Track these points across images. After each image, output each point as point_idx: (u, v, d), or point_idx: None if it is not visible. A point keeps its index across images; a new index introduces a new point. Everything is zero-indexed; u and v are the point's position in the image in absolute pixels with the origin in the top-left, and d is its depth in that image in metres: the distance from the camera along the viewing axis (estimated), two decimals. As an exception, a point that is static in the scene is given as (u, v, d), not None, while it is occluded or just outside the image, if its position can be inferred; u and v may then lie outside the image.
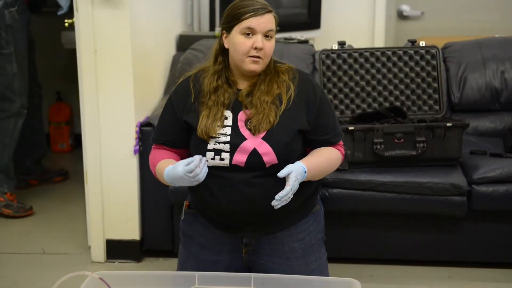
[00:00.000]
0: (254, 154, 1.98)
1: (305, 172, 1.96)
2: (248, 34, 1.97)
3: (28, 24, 3.56)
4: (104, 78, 2.86)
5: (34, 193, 3.84)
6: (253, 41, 1.97)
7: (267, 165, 1.99)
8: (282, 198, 1.90)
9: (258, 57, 1.98)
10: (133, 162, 2.93)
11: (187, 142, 2.08)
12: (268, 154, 1.98)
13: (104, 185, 2.96)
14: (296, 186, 1.92)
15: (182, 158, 2.13)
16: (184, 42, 3.63)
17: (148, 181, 2.93)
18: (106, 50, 2.84)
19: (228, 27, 2.01)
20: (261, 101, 2.00)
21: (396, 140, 2.83)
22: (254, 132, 1.99)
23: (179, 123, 2.07)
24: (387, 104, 3.13)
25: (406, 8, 4.49)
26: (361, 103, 3.14)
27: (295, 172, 1.92)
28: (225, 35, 2.03)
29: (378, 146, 2.81)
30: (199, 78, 2.08)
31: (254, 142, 1.99)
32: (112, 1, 2.78)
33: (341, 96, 3.13)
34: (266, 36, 1.99)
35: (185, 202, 2.20)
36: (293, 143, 2.03)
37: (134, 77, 2.88)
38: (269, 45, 1.99)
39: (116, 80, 2.86)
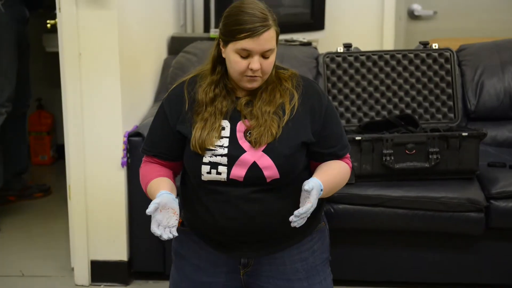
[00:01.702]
0: (254, 168, 1.98)
1: (321, 190, 1.97)
2: (244, 54, 1.95)
3: (19, 21, 3.55)
4: (89, 84, 2.87)
5: (13, 210, 3.83)
6: (249, 61, 1.95)
7: (268, 180, 1.99)
8: (301, 215, 1.89)
9: (256, 76, 1.98)
10: (121, 176, 2.94)
11: (181, 154, 2.08)
12: (269, 168, 1.99)
13: (89, 200, 2.96)
14: (315, 204, 1.93)
15: (176, 172, 2.14)
16: (177, 45, 3.64)
17: (137, 196, 2.93)
18: (91, 53, 2.84)
19: (223, 40, 2.00)
20: (262, 111, 2.00)
21: (407, 151, 2.83)
22: (254, 145, 1.99)
23: (172, 133, 2.07)
24: (397, 112, 3.14)
25: (417, 8, 4.51)
26: (368, 111, 3.14)
27: (316, 190, 1.93)
28: (221, 44, 2.03)
29: (388, 158, 2.82)
30: (194, 85, 2.08)
31: (254, 155, 1.99)
32: (98, 0, 2.79)
33: (347, 103, 3.14)
34: (264, 56, 1.96)
35: (178, 219, 2.20)
36: (297, 156, 2.03)
37: (122, 82, 2.89)
38: (268, 63, 1.97)
39: (102, 86, 2.87)
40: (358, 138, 2.82)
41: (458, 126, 3.09)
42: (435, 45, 3.17)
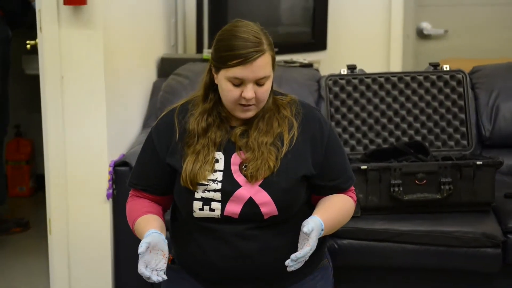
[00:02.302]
0: (250, 204, 1.98)
1: (322, 230, 1.96)
2: (236, 84, 1.95)
3: (2, 42, 3.56)
4: (72, 109, 2.87)
5: (-12, 246, 3.82)
6: (242, 90, 1.94)
7: (266, 217, 1.98)
8: (299, 259, 1.89)
9: (250, 105, 1.97)
10: (106, 209, 2.93)
11: (171, 188, 2.08)
12: (267, 205, 1.98)
13: (71, 236, 2.95)
14: (315, 247, 1.92)
15: (165, 207, 2.13)
16: (167, 66, 3.65)
17: (124, 231, 2.91)
18: (74, 76, 2.85)
19: (215, 66, 1.99)
20: (258, 143, 1.99)
21: (417, 182, 2.83)
22: (250, 179, 1.98)
23: (161, 165, 2.06)
24: (405, 139, 3.14)
25: (427, 26, 4.54)
26: (375, 138, 3.15)
27: (316, 231, 1.92)
28: (213, 70, 2.01)
29: (396, 189, 2.81)
30: (186, 113, 2.07)
31: (250, 190, 1.98)
32: (82, 19, 2.81)
33: (352, 129, 3.14)
34: (258, 83, 1.95)
35: (168, 256, 2.18)
36: (297, 191, 2.02)
37: (108, 108, 2.89)
38: (263, 91, 1.96)
39: (86, 111, 2.87)
40: (363, 167, 2.81)
41: (472, 154, 3.09)
42: (446, 67, 3.18)
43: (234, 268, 2.00)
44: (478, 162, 2.83)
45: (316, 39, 4.22)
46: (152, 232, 1.93)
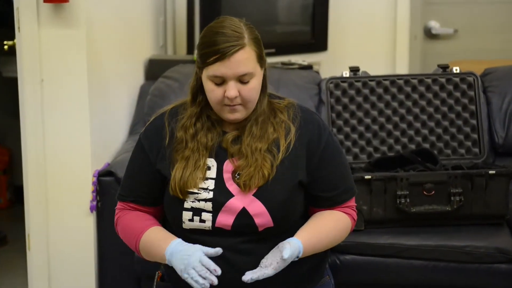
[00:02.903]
0: (244, 215, 1.98)
1: (297, 257, 1.96)
2: (217, 83, 1.97)
3: None
4: (52, 115, 2.87)
5: (-38, 262, 3.81)
6: (225, 88, 1.96)
7: (260, 229, 1.98)
8: (253, 279, 1.91)
9: (235, 105, 1.98)
10: (89, 222, 2.92)
11: (162, 198, 2.08)
12: (261, 216, 1.98)
13: (52, 252, 2.95)
14: (276, 271, 1.93)
15: (157, 219, 2.12)
16: (155, 69, 3.66)
17: (109, 246, 2.92)
18: (55, 79, 2.85)
19: (199, 66, 2.02)
20: (252, 149, 2.00)
21: (425, 192, 2.83)
22: (244, 188, 1.99)
23: (152, 171, 2.07)
24: (413, 146, 3.14)
25: (435, 25, 4.55)
26: (380, 145, 3.15)
27: (291, 258, 1.93)
28: (198, 70, 2.03)
29: (402, 200, 2.82)
30: (175, 117, 2.08)
31: (244, 200, 1.99)
32: (63, 18, 2.81)
33: (355, 136, 3.15)
34: (242, 81, 1.97)
35: (157, 272, 2.19)
36: (293, 201, 2.03)
37: (91, 113, 2.89)
38: (248, 89, 1.97)
39: (68, 117, 2.87)
40: (367, 177, 2.82)
41: (484, 162, 3.10)
42: (456, 69, 3.19)
43: (227, 284, 2.00)
44: (491, 172, 2.83)
45: (316, 39, 4.23)
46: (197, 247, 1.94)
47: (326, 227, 2.06)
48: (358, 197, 2.17)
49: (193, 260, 1.91)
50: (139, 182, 2.09)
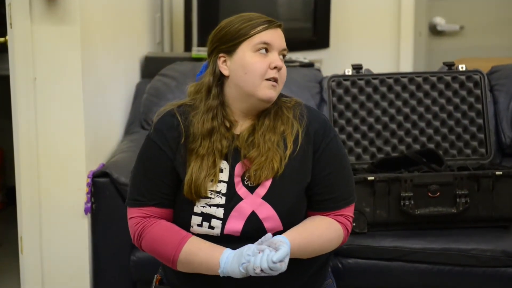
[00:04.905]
0: (253, 219, 1.98)
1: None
2: (263, 50, 2.01)
3: None
4: (46, 114, 2.86)
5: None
6: (270, 60, 2.01)
7: (270, 233, 1.97)
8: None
9: (276, 80, 2.01)
10: (83, 225, 2.92)
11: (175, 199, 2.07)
12: (270, 219, 1.98)
13: (45, 255, 2.94)
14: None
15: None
16: (152, 66, 3.66)
17: (103, 250, 2.92)
18: (49, 78, 2.85)
19: (230, 48, 2.03)
20: (265, 139, 2.02)
21: (430, 194, 2.83)
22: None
23: (170, 172, 2.04)
24: (417, 147, 3.14)
25: (440, 22, 4.56)
26: (383, 145, 3.15)
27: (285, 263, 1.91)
28: (223, 59, 2.04)
29: (407, 202, 2.81)
30: (187, 115, 2.06)
31: (253, 203, 1.99)
32: (57, 14, 2.81)
33: (357, 136, 3.15)
34: (283, 55, 2.05)
35: (155, 276, 2.19)
36: (300, 204, 2.04)
37: (86, 112, 2.89)
38: (284, 68, 2.05)
39: (61, 116, 2.87)
40: (370, 178, 2.82)
41: (490, 163, 3.10)
42: (462, 66, 3.19)
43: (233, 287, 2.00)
44: (498, 173, 2.83)
45: (318, 35, 4.23)
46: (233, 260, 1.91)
47: (314, 236, 2.02)
48: (360, 199, 2.17)
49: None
50: (160, 183, 2.05)
